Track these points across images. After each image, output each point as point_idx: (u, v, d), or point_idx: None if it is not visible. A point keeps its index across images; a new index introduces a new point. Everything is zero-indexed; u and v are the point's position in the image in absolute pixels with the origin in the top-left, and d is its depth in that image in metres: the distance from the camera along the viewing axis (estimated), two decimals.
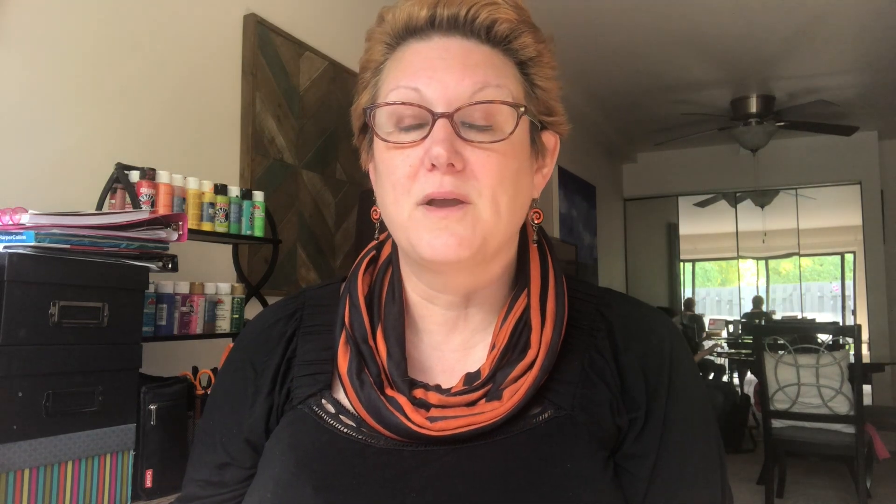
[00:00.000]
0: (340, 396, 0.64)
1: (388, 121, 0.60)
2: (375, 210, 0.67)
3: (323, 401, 0.65)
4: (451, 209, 0.58)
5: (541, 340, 0.62)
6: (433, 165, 0.57)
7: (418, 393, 0.61)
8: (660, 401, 0.63)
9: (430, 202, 0.58)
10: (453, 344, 0.67)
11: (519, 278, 0.67)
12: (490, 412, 0.59)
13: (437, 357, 0.67)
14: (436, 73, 0.59)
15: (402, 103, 0.59)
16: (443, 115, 0.57)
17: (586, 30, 3.80)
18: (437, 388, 0.62)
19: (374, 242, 0.73)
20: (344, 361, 0.63)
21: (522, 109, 0.60)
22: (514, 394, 0.60)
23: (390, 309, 0.66)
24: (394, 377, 0.62)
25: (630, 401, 0.63)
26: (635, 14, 3.62)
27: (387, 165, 0.60)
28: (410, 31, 0.62)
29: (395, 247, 0.69)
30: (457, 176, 0.57)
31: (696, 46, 4.08)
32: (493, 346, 0.63)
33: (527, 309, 0.64)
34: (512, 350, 0.62)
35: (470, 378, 0.62)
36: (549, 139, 0.67)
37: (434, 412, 0.60)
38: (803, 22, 3.73)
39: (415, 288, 0.67)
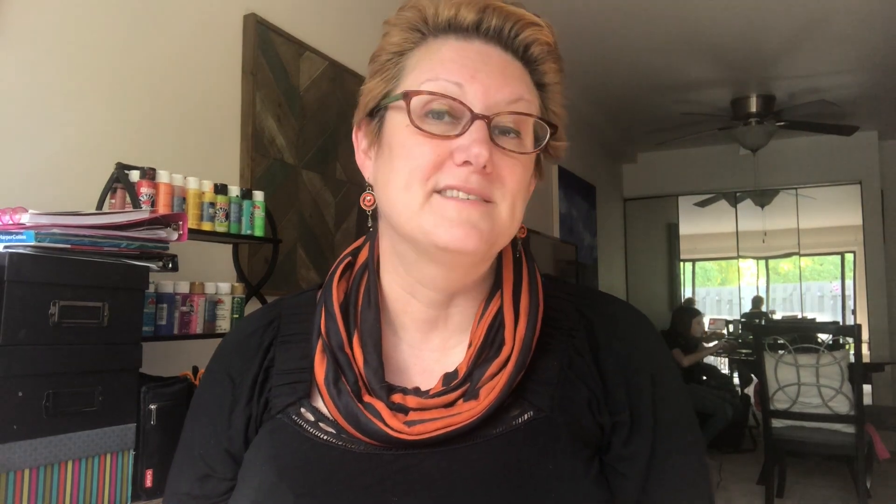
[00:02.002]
0: (319, 404, 0.64)
1: (417, 108, 0.60)
2: (367, 197, 0.66)
3: (302, 409, 0.65)
4: (474, 203, 0.58)
5: (514, 337, 0.62)
6: (466, 162, 0.57)
7: (396, 398, 0.61)
8: (645, 403, 0.63)
9: (446, 192, 0.58)
10: (432, 344, 0.67)
11: (496, 279, 0.68)
12: (467, 412, 0.59)
13: (415, 357, 0.67)
14: (478, 74, 0.59)
15: (445, 95, 0.59)
16: (482, 117, 0.58)
17: (587, 30, 3.80)
18: (416, 391, 0.62)
19: (351, 248, 0.72)
20: (321, 370, 0.63)
21: (553, 130, 0.62)
22: (490, 391, 0.60)
23: (366, 315, 0.66)
24: (371, 384, 0.62)
25: (613, 402, 0.63)
26: (635, 14, 3.62)
27: (409, 150, 0.60)
28: (453, 28, 0.62)
29: (372, 250, 0.69)
30: (484, 177, 0.58)
31: (696, 46, 4.08)
32: (469, 344, 0.64)
33: (501, 307, 0.65)
34: (488, 347, 0.63)
35: (448, 378, 0.62)
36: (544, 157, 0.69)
37: (412, 416, 0.60)
38: (803, 22, 3.73)
39: (399, 282, 0.66)
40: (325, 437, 0.62)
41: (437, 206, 0.58)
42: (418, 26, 0.63)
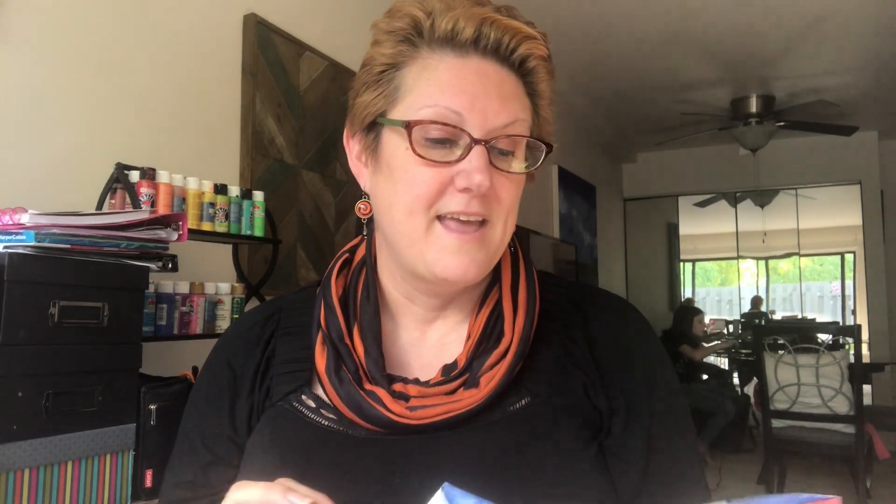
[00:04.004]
0: (320, 392, 0.66)
1: (419, 134, 0.60)
2: (362, 206, 0.68)
3: (303, 396, 0.66)
4: (471, 234, 0.60)
5: (514, 328, 0.64)
6: (466, 188, 0.59)
7: (397, 387, 0.63)
8: (639, 389, 0.66)
9: (447, 217, 0.60)
10: (430, 340, 0.69)
11: (492, 275, 0.70)
12: (468, 399, 0.61)
13: (414, 353, 0.69)
14: (477, 99, 0.60)
15: (446, 124, 0.59)
16: (481, 142, 0.59)
17: (586, 30, 3.80)
18: (416, 381, 0.64)
19: (349, 245, 0.75)
20: (322, 360, 0.65)
21: (548, 150, 0.64)
22: (490, 380, 0.62)
23: (366, 309, 0.68)
24: (372, 373, 0.64)
25: (608, 387, 0.65)
26: (635, 14, 3.62)
27: (412, 177, 0.60)
28: (450, 43, 0.61)
29: (369, 249, 0.71)
30: (483, 199, 0.60)
31: (696, 46, 4.08)
32: (468, 337, 0.66)
33: (499, 300, 0.67)
34: (487, 339, 0.65)
35: (447, 369, 0.64)
36: None
37: (413, 402, 0.61)
38: (803, 22, 3.73)
39: (397, 287, 0.69)
40: (327, 423, 0.63)
41: (439, 237, 0.60)
42: (411, 38, 0.62)
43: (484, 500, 0.44)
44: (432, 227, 0.60)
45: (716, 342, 5.49)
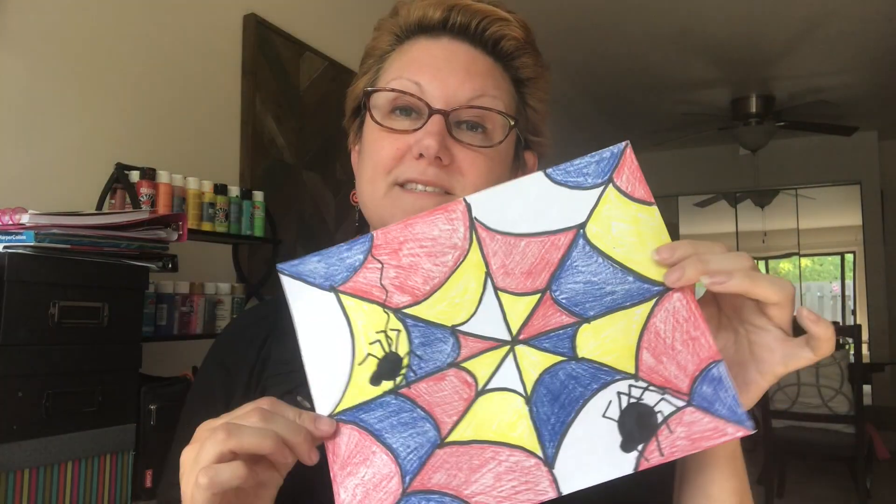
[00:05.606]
0: None
1: (383, 106, 0.63)
2: (354, 193, 0.69)
3: (298, 398, 0.65)
4: (430, 195, 0.60)
5: None
6: (421, 155, 0.59)
7: None
8: None
9: (407, 185, 0.60)
10: None
11: None
12: None
13: None
14: (440, 72, 0.61)
15: (403, 92, 0.61)
16: (439, 112, 0.60)
17: (586, 29, 3.80)
18: None
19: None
20: None
21: (513, 122, 0.63)
22: None
23: None
24: None
25: None
26: (635, 13, 3.62)
27: (373, 146, 0.63)
28: (422, 29, 0.64)
29: None
30: (442, 169, 0.60)
31: (696, 46, 4.08)
32: None
33: None
34: None
35: None
36: (530, 158, 0.70)
37: None
38: (803, 22, 3.73)
39: None
40: None
41: (395, 197, 0.61)
42: (395, 30, 0.66)
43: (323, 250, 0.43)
44: (391, 191, 0.61)
45: None
